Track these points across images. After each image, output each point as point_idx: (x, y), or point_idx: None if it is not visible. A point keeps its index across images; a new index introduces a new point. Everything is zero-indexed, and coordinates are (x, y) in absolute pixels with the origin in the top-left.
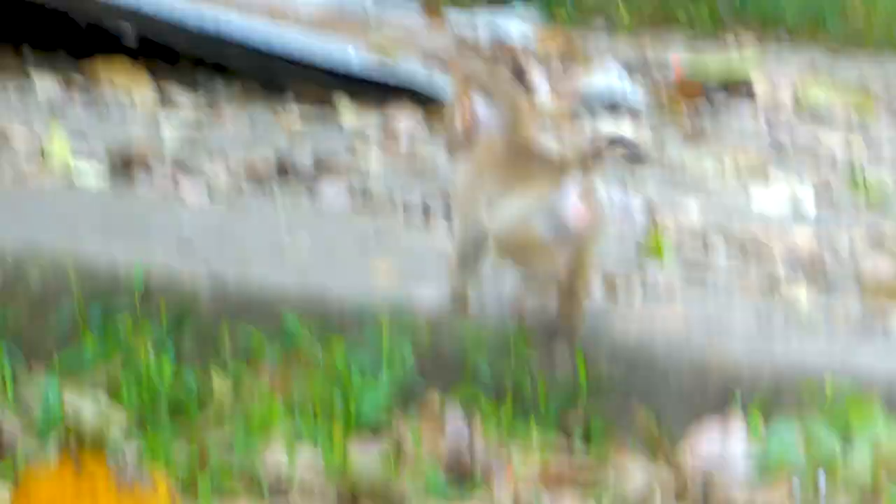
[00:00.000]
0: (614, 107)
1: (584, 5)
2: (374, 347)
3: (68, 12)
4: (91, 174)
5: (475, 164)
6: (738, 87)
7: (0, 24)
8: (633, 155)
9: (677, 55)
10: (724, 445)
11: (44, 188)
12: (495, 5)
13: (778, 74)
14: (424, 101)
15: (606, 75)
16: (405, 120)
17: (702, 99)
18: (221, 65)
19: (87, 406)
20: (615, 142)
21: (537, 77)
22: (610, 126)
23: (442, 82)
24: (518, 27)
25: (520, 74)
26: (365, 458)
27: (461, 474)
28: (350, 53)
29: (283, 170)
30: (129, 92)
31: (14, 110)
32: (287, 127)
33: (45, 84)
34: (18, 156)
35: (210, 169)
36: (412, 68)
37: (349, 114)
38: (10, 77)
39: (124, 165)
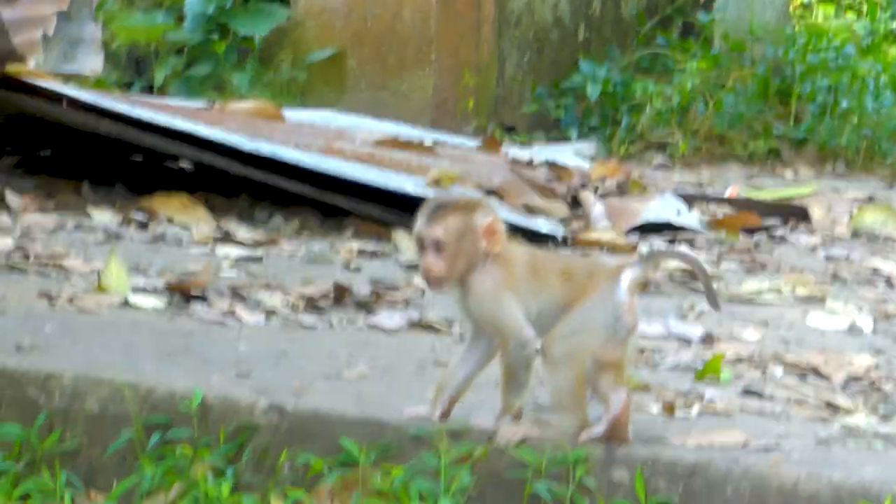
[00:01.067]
0: (672, 239)
1: (643, 139)
2: (432, 473)
3: (127, 140)
4: (148, 303)
5: (504, 280)
6: (795, 217)
7: (60, 161)
8: (705, 285)
9: (736, 187)
10: None
11: (101, 315)
12: (554, 141)
13: (834, 203)
14: None
15: (664, 207)
16: None
17: (759, 229)
18: (279, 199)
19: None
20: (680, 257)
21: (594, 206)
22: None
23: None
24: (575, 160)
25: (575, 201)
26: None
27: None
28: (407, 186)
29: (341, 298)
30: (187, 226)
31: (73, 243)
32: (345, 258)
33: (103, 218)
34: (77, 286)
35: (267, 297)
36: None
37: (406, 245)
38: (70, 212)
39: (182, 295)
